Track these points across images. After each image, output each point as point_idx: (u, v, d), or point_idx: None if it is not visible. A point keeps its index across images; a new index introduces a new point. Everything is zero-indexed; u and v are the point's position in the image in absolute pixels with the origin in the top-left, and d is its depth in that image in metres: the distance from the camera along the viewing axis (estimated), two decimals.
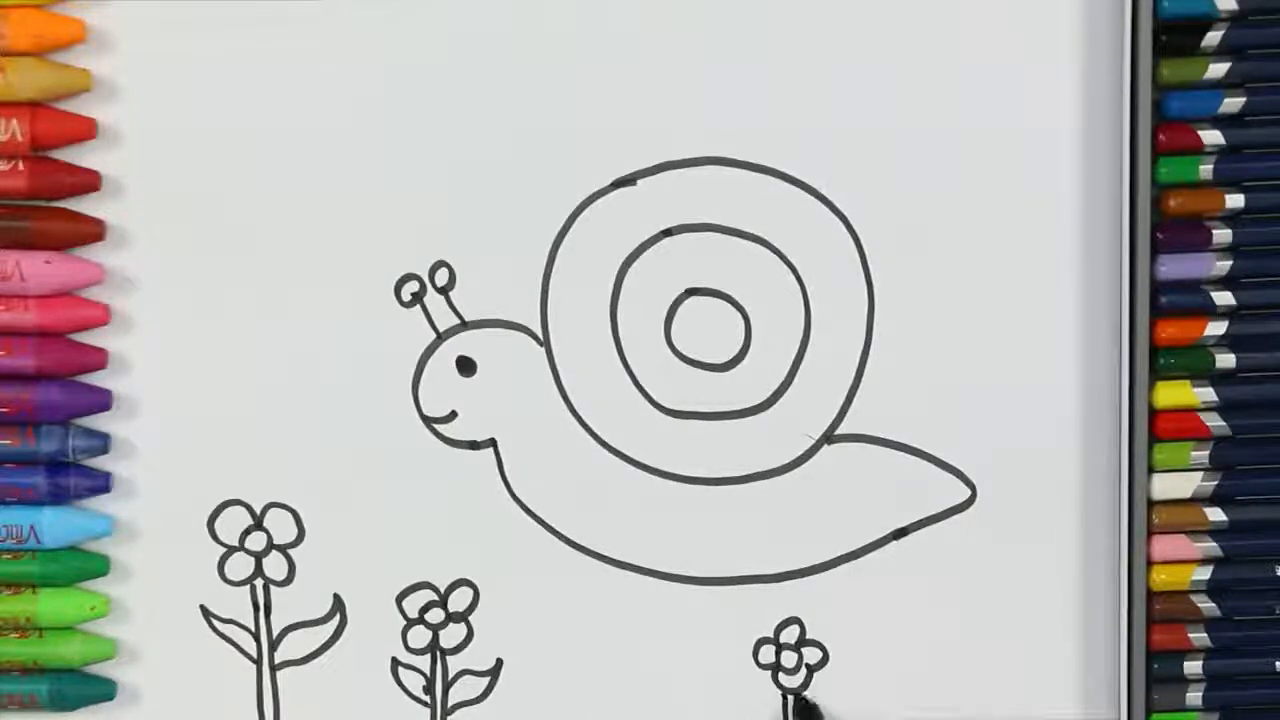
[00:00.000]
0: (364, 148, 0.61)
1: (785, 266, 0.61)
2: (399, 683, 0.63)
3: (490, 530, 0.62)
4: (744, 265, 0.61)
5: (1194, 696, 0.62)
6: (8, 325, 0.60)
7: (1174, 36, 0.60)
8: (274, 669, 0.63)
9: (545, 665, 0.62)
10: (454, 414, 0.61)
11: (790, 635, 0.62)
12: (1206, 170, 0.60)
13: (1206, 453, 0.61)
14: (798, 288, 0.61)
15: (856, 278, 0.61)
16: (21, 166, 0.59)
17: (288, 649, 0.63)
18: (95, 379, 0.61)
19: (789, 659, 0.63)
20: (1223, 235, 0.60)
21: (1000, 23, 0.60)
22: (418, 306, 0.61)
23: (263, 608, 0.62)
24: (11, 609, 0.61)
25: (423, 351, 0.61)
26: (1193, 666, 0.62)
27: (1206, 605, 0.62)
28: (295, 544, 0.62)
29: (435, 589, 0.62)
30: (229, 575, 0.62)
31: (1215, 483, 0.61)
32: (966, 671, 0.63)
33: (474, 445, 0.62)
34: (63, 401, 0.60)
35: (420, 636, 0.63)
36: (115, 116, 0.60)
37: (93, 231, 0.60)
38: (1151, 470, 0.61)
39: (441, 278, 0.61)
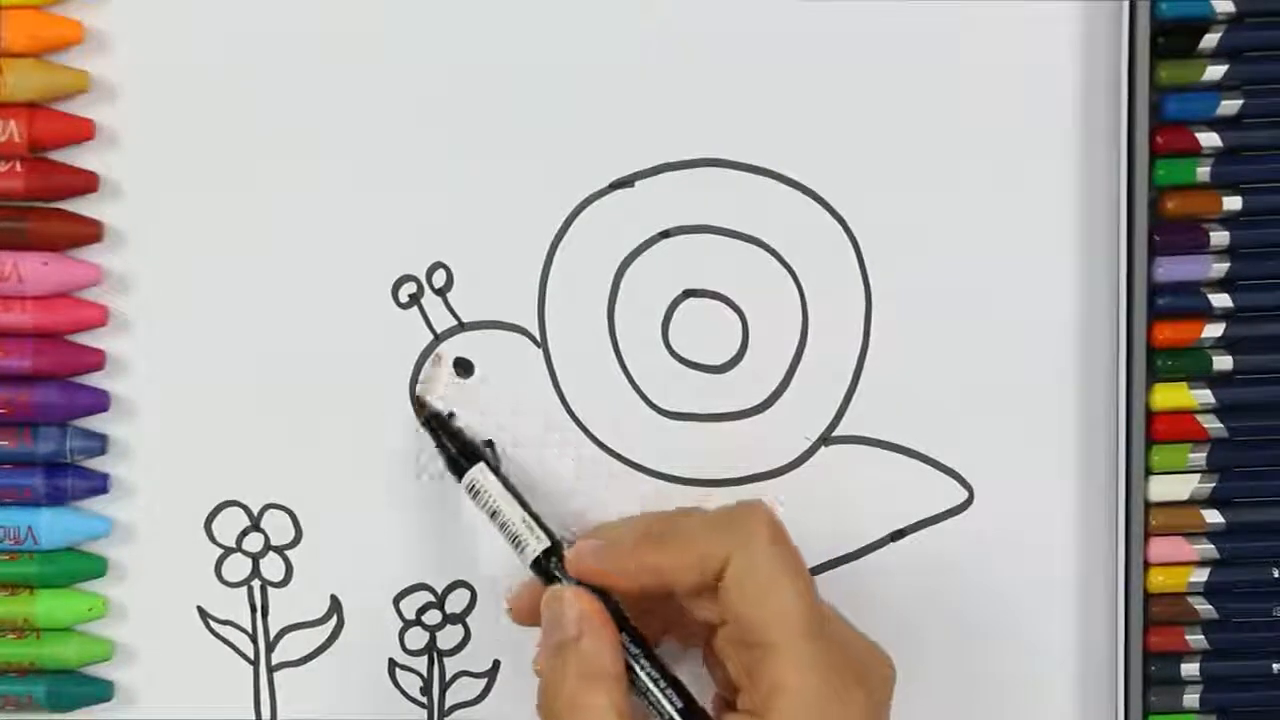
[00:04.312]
0: (361, 150, 0.61)
1: (783, 268, 0.61)
2: (396, 684, 0.63)
3: (488, 532, 0.62)
4: (741, 267, 0.61)
5: (1191, 699, 0.62)
6: (5, 326, 0.60)
7: (1172, 39, 0.60)
8: (271, 670, 0.63)
9: None
10: (452, 415, 0.61)
11: None
12: (1204, 172, 0.60)
13: (1204, 455, 0.61)
14: (795, 289, 0.61)
15: (854, 279, 0.61)
16: (19, 167, 0.59)
17: (285, 650, 0.63)
18: (93, 380, 0.61)
19: None
20: (1220, 237, 0.60)
21: (998, 25, 0.60)
22: (415, 308, 0.61)
23: (260, 609, 0.62)
24: (9, 610, 0.61)
25: (420, 353, 0.61)
26: (1190, 668, 0.62)
27: (1204, 607, 0.62)
28: (292, 545, 0.62)
29: (432, 590, 0.62)
30: (226, 576, 0.62)
31: (1213, 485, 0.61)
32: (964, 672, 0.63)
33: None
34: (60, 402, 0.60)
35: (418, 638, 0.63)
36: (113, 117, 0.60)
37: (90, 232, 0.60)
38: (1149, 472, 0.61)
39: (439, 279, 0.61)
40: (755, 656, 0.52)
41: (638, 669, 0.55)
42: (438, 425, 0.60)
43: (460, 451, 0.60)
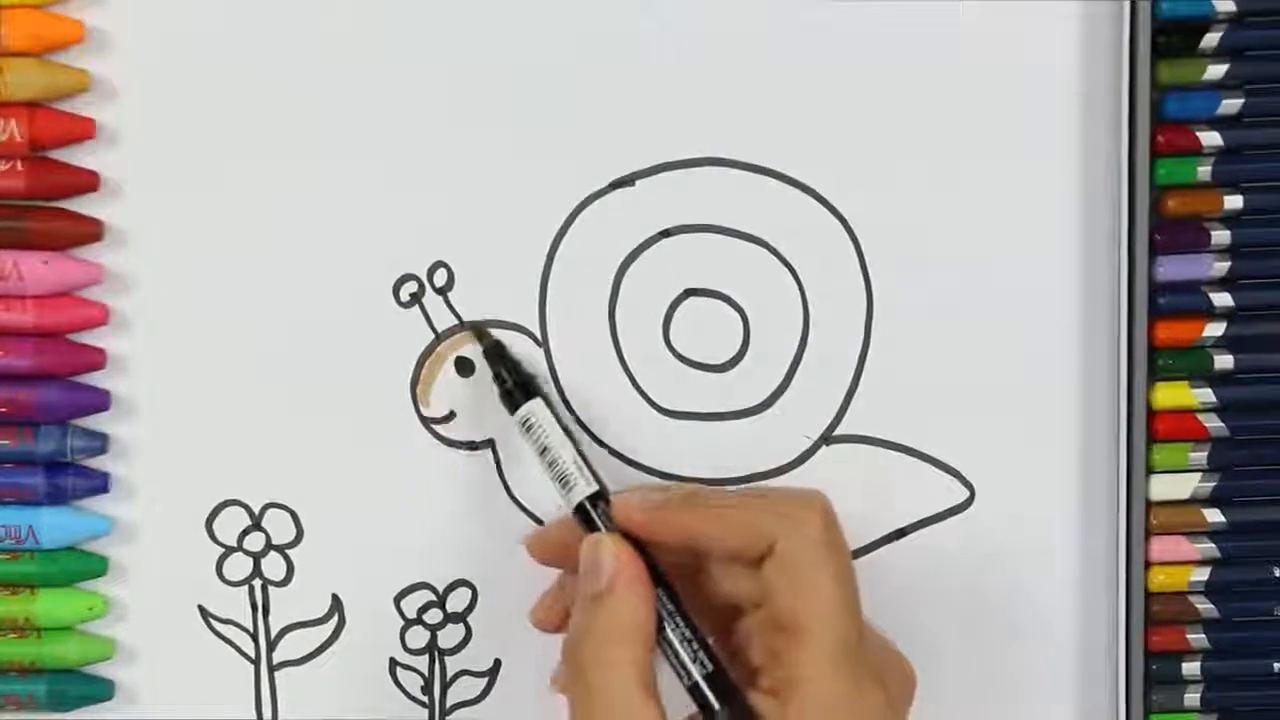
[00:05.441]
0: (361, 150, 0.61)
1: (783, 267, 0.61)
2: (397, 683, 0.63)
3: (489, 531, 0.62)
4: (742, 266, 0.61)
5: (1192, 698, 0.62)
6: (6, 325, 0.60)
7: (1173, 38, 0.60)
8: (272, 669, 0.63)
9: (543, 666, 0.62)
10: (452, 414, 0.61)
11: None
12: (1205, 171, 0.60)
13: (1205, 454, 0.61)
14: (796, 288, 0.61)
15: (855, 278, 0.61)
16: (20, 167, 0.59)
17: (286, 649, 0.63)
18: (93, 379, 0.61)
19: None
20: (1221, 236, 0.60)
21: (999, 25, 0.60)
22: (416, 307, 0.61)
23: (261, 608, 0.62)
24: (10, 609, 0.61)
25: (421, 352, 0.61)
26: (1191, 668, 0.62)
27: (1205, 606, 0.62)
28: (293, 544, 0.62)
29: (434, 589, 0.62)
30: (227, 575, 0.62)
31: (1213, 484, 0.61)
32: (964, 671, 0.63)
33: (472, 446, 0.62)
34: (61, 402, 0.60)
35: (418, 637, 0.63)
36: (113, 117, 0.60)
37: (91, 232, 0.60)
38: (1150, 471, 0.61)
39: (440, 278, 0.61)
40: (785, 641, 0.52)
41: (669, 627, 0.54)
42: (497, 354, 0.60)
43: (517, 384, 0.59)
